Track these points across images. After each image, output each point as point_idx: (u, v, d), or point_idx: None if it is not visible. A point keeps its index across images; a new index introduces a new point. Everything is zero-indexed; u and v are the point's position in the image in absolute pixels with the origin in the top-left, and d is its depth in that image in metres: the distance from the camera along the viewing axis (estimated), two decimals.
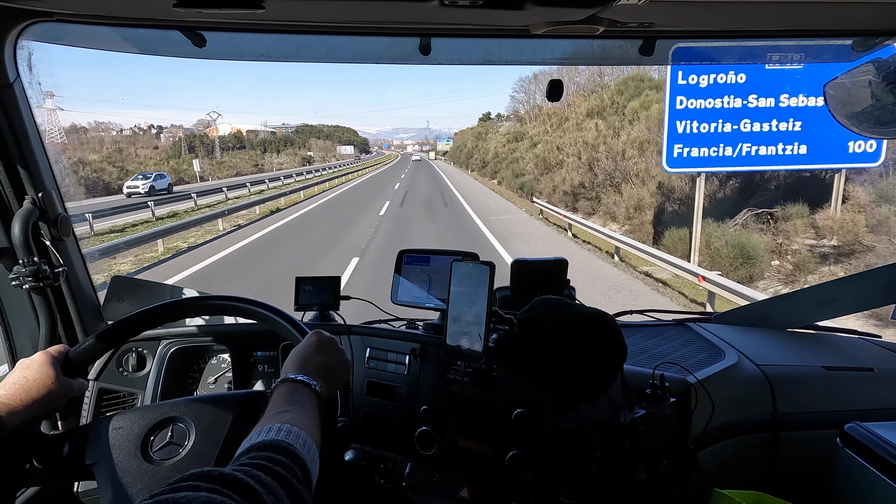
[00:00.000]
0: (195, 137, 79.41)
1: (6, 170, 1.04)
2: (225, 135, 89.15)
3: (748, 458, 1.12)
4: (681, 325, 1.47)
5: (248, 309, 0.89)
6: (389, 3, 0.84)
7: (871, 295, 1.31)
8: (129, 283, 1.36)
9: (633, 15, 0.87)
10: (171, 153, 61.27)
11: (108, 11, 0.94)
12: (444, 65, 1.18)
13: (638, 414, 0.90)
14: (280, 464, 0.50)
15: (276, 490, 0.46)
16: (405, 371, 1.09)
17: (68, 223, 1.15)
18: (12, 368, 0.78)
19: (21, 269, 1.05)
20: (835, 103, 1.00)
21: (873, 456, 0.91)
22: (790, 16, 0.94)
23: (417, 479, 1.01)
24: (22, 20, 0.96)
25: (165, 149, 64.47)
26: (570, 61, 1.21)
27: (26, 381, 0.75)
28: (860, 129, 0.97)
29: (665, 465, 0.93)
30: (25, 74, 1.06)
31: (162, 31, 1.03)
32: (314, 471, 0.55)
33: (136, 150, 61.99)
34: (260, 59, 1.18)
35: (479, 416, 0.99)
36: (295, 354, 0.75)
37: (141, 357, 1.24)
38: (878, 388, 1.19)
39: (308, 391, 0.66)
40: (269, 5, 0.80)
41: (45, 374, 0.76)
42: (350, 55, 1.20)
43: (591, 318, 0.88)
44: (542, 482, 0.94)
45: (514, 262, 1.18)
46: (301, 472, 0.51)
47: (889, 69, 0.91)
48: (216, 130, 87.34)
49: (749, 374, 1.15)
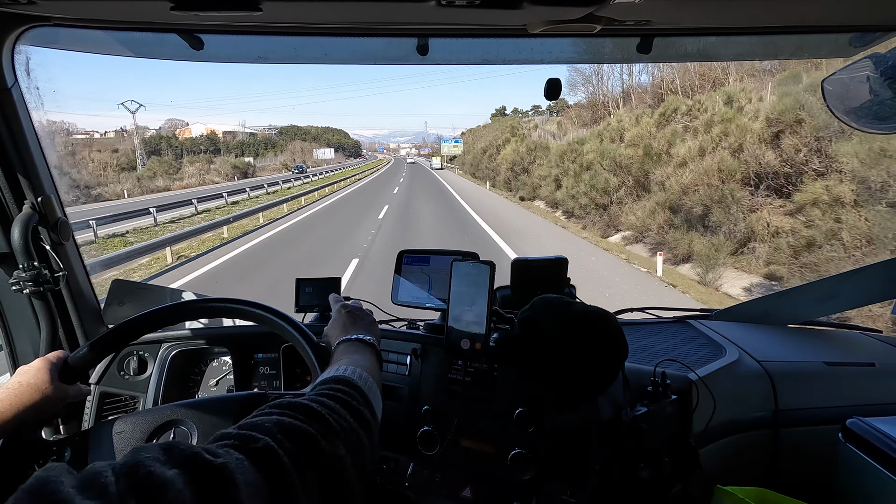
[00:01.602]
0: (161, 139, 70.29)
1: (5, 175, 1.05)
2: (197, 136, 79.43)
3: (750, 455, 1.12)
4: (681, 323, 1.47)
5: (249, 311, 0.90)
6: (387, 3, 0.84)
7: (872, 290, 1.31)
8: (129, 286, 1.36)
9: (630, 13, 0.87)
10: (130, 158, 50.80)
11: (105, 15, 0.94)
12: (441, 65, 1.18)
13: (639, 412, 0.90)
14: (341, 391, 0.57)
15: (339, 410, 0.53)
16: (406, 371, 1.09)
17: (68, 227, 1.15)
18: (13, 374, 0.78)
19: (21, 274, 1.05)
20: (833, 99, 1.00)
21: (875, 451, 0.91)
22: (788, 12, 0.94)
23: (420, 479, 1.01)
24: (19, 25, 0.97)
25: (127, 152, 53.27)
26: (568, 60, 1.21)
27: (20, 386, 0.75)
28: (858, 124, 0.97)
29: (667, 462, 0.93)
30: (23, 79, 1.06)
31: (159, 34, 1.03)
32: (376, 403, 0.62)
33: (91, 153, 50.62)
34: (258, 61, 1.18)
35: (481, 416, 0.99)
36: (336, 325, 0.84)
37: (142, 360, 1.24)
38: (879, 382, 1.19)
39: (362, 344, 0.76)
40: (266, 7, 0.80)
41: (40, 379, 0.77)
42: (348, 56, 1.20)
43: (592, 316, 0.88)
44: (544, 481, 0.94)
45: (514, 261, 1.18)
46: (362, 398, 0.59)
47: (887, 64, 0.91)
48: (188, 132, 78.78)
49: (750, 371, 1.15)
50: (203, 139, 77.45)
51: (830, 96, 1.00)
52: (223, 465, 0.38)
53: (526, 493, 0.94)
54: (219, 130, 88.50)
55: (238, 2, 0.78)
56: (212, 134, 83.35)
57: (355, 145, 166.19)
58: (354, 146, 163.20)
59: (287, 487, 0.42)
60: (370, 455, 0.55)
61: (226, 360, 1.33)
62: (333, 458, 0.48)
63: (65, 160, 33.78)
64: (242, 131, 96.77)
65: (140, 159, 49.99)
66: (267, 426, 0.46)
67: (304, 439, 0.47)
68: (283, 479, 0.42)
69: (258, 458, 0.42)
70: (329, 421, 0.51)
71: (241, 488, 0.38)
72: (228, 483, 0.38)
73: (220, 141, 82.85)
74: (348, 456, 0.50)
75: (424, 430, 1.00)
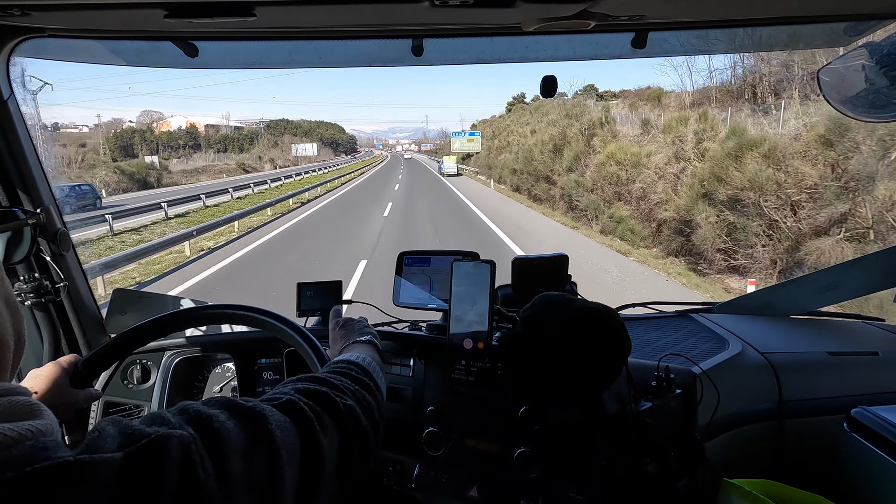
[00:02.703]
0: (135, 133, 61.13)
1: (4, 187, 1.05)
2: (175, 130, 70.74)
3: (755, 447, 1.12)
4: (684, 317, 1.47)
5: (253, 317, 0.90)
6: (381, 5, 0.84)
7: (873, 279, 1.31)
8: (130, 295, 1.36)
9: (624, 8, 0.87)
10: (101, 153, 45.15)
11: (99, 25, 0.94)
12: (437, 65, 1.19)
13: (644, 407, 0.90)
14: (340, 366, 0.68)
15: (342, 378, 0.63)
16: (410, 373, 1.09)
17: (68, 238, 1.15)
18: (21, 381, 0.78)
19: (22, 286, 1.05)
20: (829, 89, 1.00)
21: (880, 439, 0.91)
22: (781, 2, 0.94)
23: (426, 480, 1.01)
24: (14, 37, 0.97)
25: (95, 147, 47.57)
26: (563, 57, 1.21)
27: (30, 390, 0.75)
28: (855, 113, 0.97)
29: (673, 457, 0.93)
30: (19, 91, 1.06)
31: (154, 42, 1.03)
32: (378, 376, 0.71)
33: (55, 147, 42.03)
34: (253, 66, 1.18)
35: (485, 415, 0.99)
36: (334, 344, 0.90)
37: (145, 369, 1.25)
38: (882, 371, 1.19)
39: (358, 343, 0.83)
40: (260, 13, 0.80)
41: (51, 383, 0.77)
42: (343, 59, 1.20)
43: (594, 312, 0.88)
44: (551, 479, 0.94)
45: (514, 259, 1.18)
46: (361, 370, 0.68)
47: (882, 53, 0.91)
48: (167, 125, 69.22)
49: (754, 363, 1.15)
50: (182, 133, 66.56)
51: (827, 86, 1.00)
52: (256, 405, 0.47)
53: (532, 491, 0.94)
54: (200, 123, 79.85)
55: (232, 8, 0.78)
56: (192, 127, 73.66)
57: (350, 141, 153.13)
58: (349, 142, 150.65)
59: (310, 428, 0.50)
60: (378, 413, 0.64)
61: (229, 367, 1.33)
62: (345, 407, 0.57)
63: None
64: (226, 125, 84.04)
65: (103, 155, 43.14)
66: (286, 391, 0.55)
67: (318, 395, 0.56)
68: (306, 421, 0.50)
69: (283, 407, 0.50)
70: (335, 383, 0.61)
71: (273, 424, 0.46)
72: (262, 418, 0.45)
73: (200, 135, 73.05)
74: (357, 407, 0.59)
75: (429, 431, 1.00)
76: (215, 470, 0.38)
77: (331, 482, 0.51)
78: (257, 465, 0.42)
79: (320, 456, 0.49)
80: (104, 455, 0.34)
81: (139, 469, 0.34)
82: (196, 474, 0.36)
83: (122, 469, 0.33)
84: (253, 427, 0.44)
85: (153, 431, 0.37)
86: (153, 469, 0.35)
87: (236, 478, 0.39)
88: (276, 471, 0.43)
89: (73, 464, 0.32)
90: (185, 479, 0.36)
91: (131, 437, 0.36)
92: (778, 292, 1.55)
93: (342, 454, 0.54)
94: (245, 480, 0.40)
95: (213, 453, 0.39)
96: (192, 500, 0.36)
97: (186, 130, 71.78)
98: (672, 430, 0.95)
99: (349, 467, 0.55)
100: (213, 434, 0.40)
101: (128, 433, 0.37)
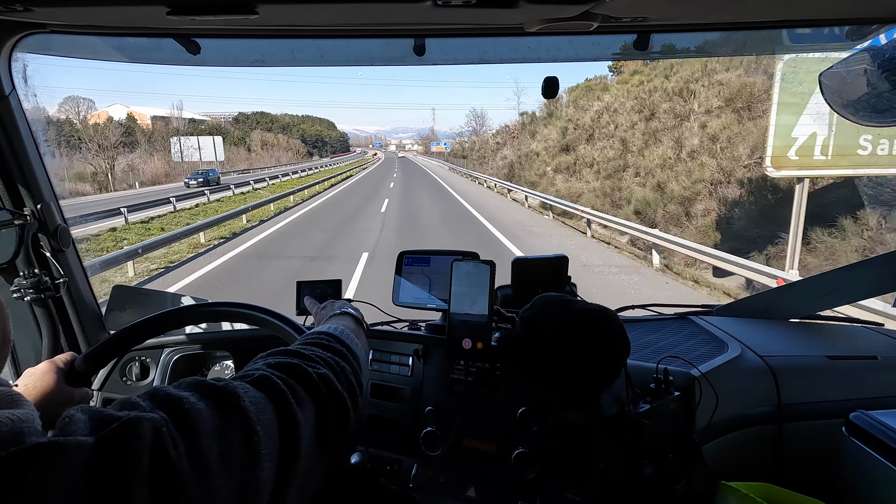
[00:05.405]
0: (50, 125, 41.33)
1: (4, 182, 1.05)
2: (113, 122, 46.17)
3: (754, 450, 1.12)
4: (683, 319, 1.47)
5: (252, 315, 0.90)
6: (383, 4, 0.84)
7: (872, 283, 1.31)
8: (130, 292, 1.36)
9: (627, 10, 0.87)
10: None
11: (102, 22, 0.94)
12: (438, 65, 1.19)
13: (642, 409, 0.90)
14: (309, 337, 0.69)
15: (312, 347, 0.64)
16: (409, 372, 1.09)
17: (68, 234, 1.15)
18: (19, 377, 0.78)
19: (22, 282, 1.05)
20: (830, 93, 1.00)
21: (879, 444, 0.91)
22: (785, 5, 0.94)
23: (424, 479, 1.01)
24: (16, 33, 0.97)
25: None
26: (565, 58, 1.21)
27: (25, 388, 0.75)
28: (857, 118, 0.97)
29: (671, 459, 0.93)
30: (20, 86, 1.06)
31: (156, 39, 1.03)
32: (351, 342, 0.71)
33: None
34: (254, 64, 1.18)
35: (484, 416, 0.99)
36: (319, 316, 0.93)
37: (144, 366, 1.24)
38: (882, 376, 1.18)
39: (340, 316, 0.85)
40: (263, 11, 0.80)
41: (45, 382, 0.77)
42: (345, 58, 1.20)
43: (593, 314, 0.88)
44: (548, 479, 0.94)
45: (514, 260, 1.18)
46: (332, 338, 0.69)
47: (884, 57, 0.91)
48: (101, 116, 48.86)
49: (752, 366, 1.15)
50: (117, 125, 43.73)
51: (828, 90, 1.00)
52: (227, 384, 0.47)
53: (530, 491, 0.94)
54: (146, 115, 61.16)
55: (235, 5, 0.78)
56: (130, 119, 53.24)
57: (341, 139, 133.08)
58: (340, 140, 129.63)
59: (285, 402, 0.50)
60: (354, 377, 0.64)
61: (228, 364, 1.33)
62: (318, 376, 0.57)
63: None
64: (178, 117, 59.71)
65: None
66: (258, 366, 0.56)
67: (290, 367, 0.56)
68: (280, 395, 0.50)
69: (256, 382, 0.51)
70: (306, 353, 0.61)
71: (245, 400, 0.46)
72: (234, 397, 0.46)
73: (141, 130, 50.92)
74: (331, 374, 0.59)
75: (428, 430, 1.00)
76: (188, 449, 0.38)
77: (311, 452, 0.52)
78: (233, 445, 0.42)
79: (296, 428, 0.50)
80: (78, 438, 0.34)
81: (111, 451, 0.35)
82: (168, 454, 0.37)
83: (94, 451, 0.34)
84: (225, 406, 0.44)
85: (124, 415, 0.37)
86: (125, 451, 0.35)
87: (211, 457, 0.40)
88: (253, 447, 0.44)
89: (47, 445, 0.33)
90: (156, 460, 0.36)
91: (101, 421, 0.37)
92: (777, 296, 1.55)
93: (319, 423, 0.54)
94: (221, 460, 0.40)
95: (185, 434, 0.39)
96: (164, 480, 0.36)
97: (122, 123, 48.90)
98: (670, 433, 0.95)
99: (327, 435, 0.56)
100: (184, 415, 0.40)
101: (98, 418, 0.37)
